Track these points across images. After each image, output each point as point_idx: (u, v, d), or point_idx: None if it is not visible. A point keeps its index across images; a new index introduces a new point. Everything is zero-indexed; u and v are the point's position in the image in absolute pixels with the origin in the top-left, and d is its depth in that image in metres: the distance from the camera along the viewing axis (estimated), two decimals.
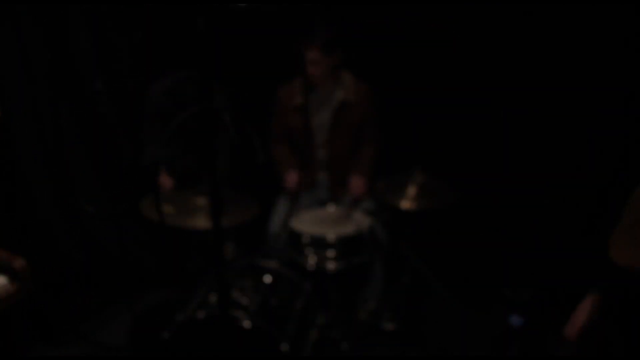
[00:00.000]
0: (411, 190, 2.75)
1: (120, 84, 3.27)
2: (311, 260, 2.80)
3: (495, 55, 3.09)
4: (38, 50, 2.91)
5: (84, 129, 3.21)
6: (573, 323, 1.58)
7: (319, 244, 2.81)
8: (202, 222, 2.50)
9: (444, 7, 3.13)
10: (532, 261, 3.14)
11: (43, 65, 2.94)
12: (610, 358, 1.57)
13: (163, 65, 3.12)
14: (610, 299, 1.54)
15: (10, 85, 2.84)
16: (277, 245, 2.99)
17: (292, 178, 3.10)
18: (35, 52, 2.90)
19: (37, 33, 2.90)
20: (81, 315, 3.20)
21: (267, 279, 2.63)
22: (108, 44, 3.25)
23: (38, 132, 2.97)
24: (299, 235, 2.84)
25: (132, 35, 3.23)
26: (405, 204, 2.70)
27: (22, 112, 2.90)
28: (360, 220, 2.90)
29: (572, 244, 2.94)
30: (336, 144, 3.15)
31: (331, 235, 2.80)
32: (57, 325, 3.04)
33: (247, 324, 2.30)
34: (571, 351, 1.58)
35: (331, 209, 3.02)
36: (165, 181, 3.06)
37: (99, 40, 3.21)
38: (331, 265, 2.79)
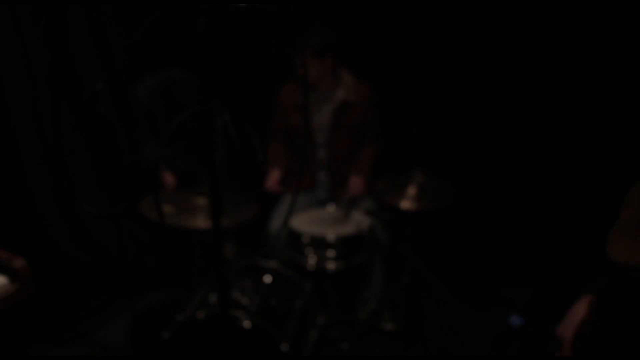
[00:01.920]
0: (411, 190, 2.75)
1: (120, 84, 3.27)
2: (311, 260, 2.80)
3: (495, 55, 3.09)
4: (38, 50, 2.91)
5: (84, 129, 3.21)
6: (566, 325, 1.58)
7: (319, 244, 2.81)
8: (202, 222, 2.50)
9: (444, 7, 3.13)
10: (532, 261, 3.14)
11: (43, 65, 2.94)
12: (606, 358, 1.57)
13: (162, 65, 3.12)
14: (606, 299, 1.54)
15: (10, 85, 2.84)
16: (277, 245, 2.99)
17: (271, 177, 3.11)
18: (35, 52, 2.90)
19: (37, 33, 2.90)
20: (81, 315, 3.20)
21: (267, 279, 2.63)
22: (108, 44, 3.25)
23: (38, 132, 2.97)
24: (299, 235, 2.84)
25: (132, 35, 3.23)
26: (405, 204, 2.70)
27: (22, 112, 2.90)
28: (360, 220, 2.90)
29: (572, 244, 2.94)
30: (336, 144, 3.15)
31: (331, 235, 2.80)
32: (57, 325, 3.04)
33: (247, 324, 2.30)
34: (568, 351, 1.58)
35: (331, 209, 3.02)
36: (168, 179, 3.06)
37: (99, 40, 3.21)
38: (331, 265, 2.79)
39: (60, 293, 3.11)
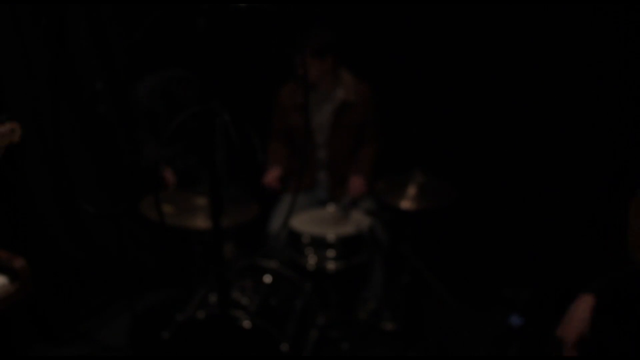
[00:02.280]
0: (411, 190, 2.75)
1: (120, 84, 3.27)
2: (311, 260, 2.80)
3: (495, 55, 3.09)
4: (38, 50, 2.91)
5: (84, 129, 3.21)
6: (566, 325, 1.58)
7: (319, 244, 2.81)
8: (202, 222, 2.50)
9: (444, 7, 3.13)
10: (532, 261, 3.14)
11: (43, 65, 2.94)
12: (607, 358, 1.57)
13: (162, 65, 3.12)
14: (607, 299, 1.54)
15: (10, 85, 2.84)
16: (277, 245, 2.99)
17: (271, 174, 3.10)
18: (35, 52, 2.90)
19: (37, 33, 2.90)
20: (81, 315, 3.19)
21: (267, 279, 2.63)
22: (108, 44, 3.24)
23: (38, 132, 2.97)
24: (299, 235, 2.84)
25: (132, 35, 3.23)
26: (405, 204, 2.70)
27: (22, 112, 2.90)
28: (360, 220, 2.90)
29: (572, 244, 2.94)
30: (336, 144, 3.15)
31: (331, 235, 2.80)
32: (57, 325, 3.04)
33: (247, 324, 2.30)
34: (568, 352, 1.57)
35: (331, 209, 3.02)
36: (169, 177, 3.06)
37: (99, 40, 3.21)
38: (331, 265, 2.79)
39: (60, 293, 3.11)
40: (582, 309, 1.54)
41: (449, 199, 2.71)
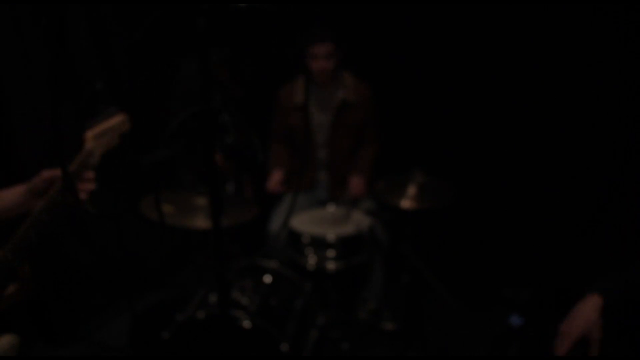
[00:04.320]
0: (411, 190, 2.75)
1: (120, 84, 3.27)
2: (311, 260, 2.80)
3: (495, 55, 3.09)
4: (38, 50, 2.91)
5: (84, 129, 3.20)
6: (571, 322, 1.58)
7: (319, 244, 2.81)
8: (202, 222, 2.50)
9: (444, 7, 3.13)
10: (532, 261, 3.14)
11: (43, 65, 2.94)
12: (611, 358, 1.57)
13: (162, 64, 3.12)
14: (612, 299, 1.54)
15: (10, 85, 2.84)
16: (277, 245, 2.99)
17: (274, 178, 3.11)
18: (35, 52, 2.90)
19: (37, 33, 2.90)
20: (81, 315, 3.20)
21: (267, 279, 2.63)
22: (108, 43, 3.24)
23: (38, 132, 2.96)
24: (299, 235, 2.84)
25: (132, 35, 3.23)
26: (405, 204, 2.70)
27: (22, 112, 2.90)
28: (360, 220, 2.90)
29: (572, 244, 2.94)
30: (336, 143, 3.15)
31: (331, 235, 2.80)
32: (57, 325, 3.04)
33: (247, 324, 2.30)
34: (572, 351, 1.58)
35: (331, 209, 3.02)
36: (221, 160, 3.05)
37: (99, 40, 3.20)
38: (331, 265, 2.79)
39: (60, 293, 3.11)
40: (588, 308, 1.54)
41: (449, 199, 2.71)
